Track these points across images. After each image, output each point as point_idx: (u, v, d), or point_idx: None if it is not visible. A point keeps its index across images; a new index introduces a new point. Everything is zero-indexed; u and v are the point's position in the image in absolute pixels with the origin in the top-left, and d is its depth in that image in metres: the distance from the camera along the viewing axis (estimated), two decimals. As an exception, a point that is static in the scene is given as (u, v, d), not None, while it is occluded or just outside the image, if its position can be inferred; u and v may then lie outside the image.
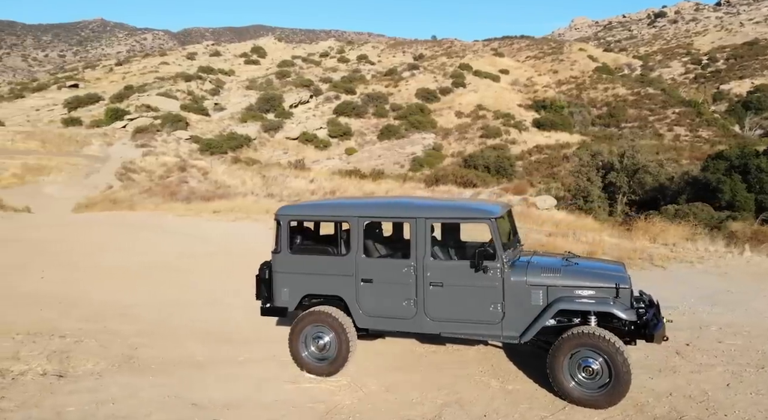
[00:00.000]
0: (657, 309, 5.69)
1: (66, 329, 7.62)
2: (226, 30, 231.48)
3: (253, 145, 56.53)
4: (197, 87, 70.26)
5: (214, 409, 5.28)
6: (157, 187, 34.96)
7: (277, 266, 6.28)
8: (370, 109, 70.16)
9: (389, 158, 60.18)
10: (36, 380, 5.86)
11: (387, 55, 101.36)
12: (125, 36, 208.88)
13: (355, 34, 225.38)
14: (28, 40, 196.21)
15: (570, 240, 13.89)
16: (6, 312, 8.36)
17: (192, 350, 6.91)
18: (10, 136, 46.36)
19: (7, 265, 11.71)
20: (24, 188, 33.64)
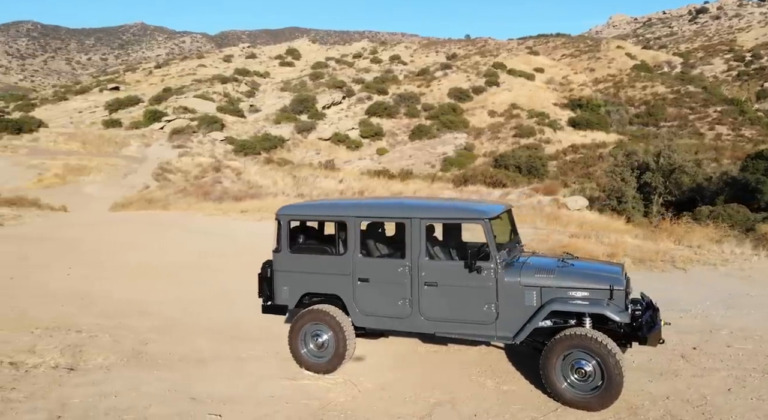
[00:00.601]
0: (655, 312, 5.60)
1: (83, 324, 7.91)
2: (261, 32, 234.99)
3: (287, 145, 57.26)
4: (233, 89, 71.52)
5: (212, 403, 5.43)
6: (191, 187, 35.78)
7: (278, 265, 6.41)
8: (401, 109, 70.24)
9: (420, 158, 60.13)
10: (47, 373, 6.11)
11: (420, 55, 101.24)
12: (164, 39, 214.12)
13: (389, 34, 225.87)
14: (72, 44, 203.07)
15: (592, 241, 13.68)
16: (30, 307, 8.72)
17: (199, 346, 7.10)
18: (53, 137, 48.04)
19: (39, 263, 12.19)
20: (65, 188, 34.88)
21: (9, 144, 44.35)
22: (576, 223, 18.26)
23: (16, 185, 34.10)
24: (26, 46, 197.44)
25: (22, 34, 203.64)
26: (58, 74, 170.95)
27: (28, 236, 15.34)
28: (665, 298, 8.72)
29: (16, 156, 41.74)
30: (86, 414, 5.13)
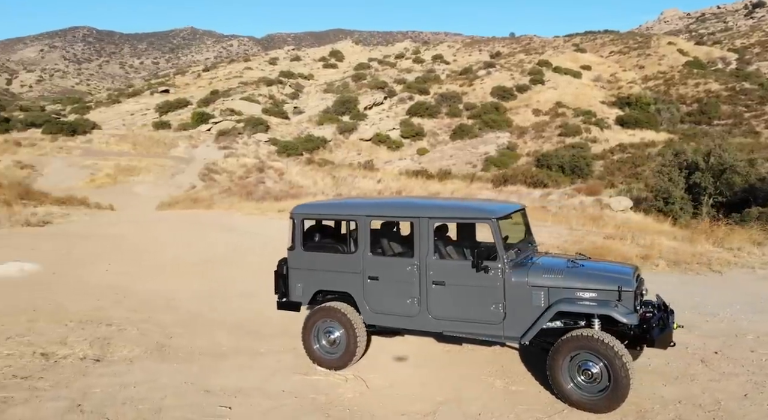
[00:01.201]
0: (667, 314, 5.47)
1: (114, 318, 8.25)
2: (306, 35, 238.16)
3: (329, 146, 57.85)
4: (278, 91, 72.75)
5: (223, 396, 5.60)
6: (235, 187, 36.62)
7: (292, 262, 6.55)
8: (443, 108, 69.97)
9: (461, 158, 59.71)
10: (74, 364, 6.42)
11: (462, 54, 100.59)
12: (213, 43, 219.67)
13: (432, 34, 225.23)
14: (125, 48, 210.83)
15: (627, 243, 13.36)
16: (67, 301, 9.15)
17: (219, 340, 7.32)
18: (105, 138, 49.90)
19: (81, 259, 12.74)
20: (115, 187, 36.19)
21: (64, 145, 46.31)
22: (616, 225, 17.85)
23: (70, 185, 35.56)
24: (82, 51, 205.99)
25: (78, 39, 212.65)
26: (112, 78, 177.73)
27: (74, 233, 16.04)
28: (694, 301, 8.51)
29: (70, 157, 43.49)
30: (104, 403, 5.38)
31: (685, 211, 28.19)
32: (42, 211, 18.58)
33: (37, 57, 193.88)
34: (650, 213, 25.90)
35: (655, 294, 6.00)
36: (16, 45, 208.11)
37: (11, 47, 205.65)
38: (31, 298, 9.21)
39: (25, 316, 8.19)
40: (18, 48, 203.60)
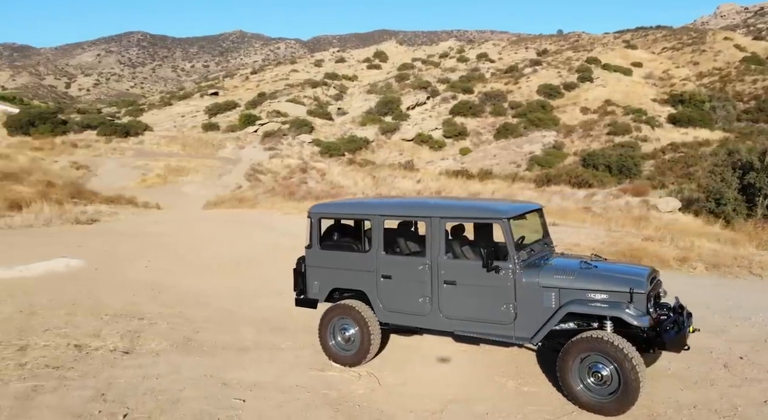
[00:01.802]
0: (683, 317, 5.33)
1: (147, 312, 8.59)
2: (351, 36, 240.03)
3: (371, 147, 58.17)
4: (322, 93, 73.63)
5: (239, 388, 5.78)
6: (279, 187, 37.32)
7: (309, 260, 6.70)
8: (487, 107, 69.32)
9: (505, 158, 58.99)
10: (104, 355, 6.73)
11: (508, 52, 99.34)
12: (261, 46, 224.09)
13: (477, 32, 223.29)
14: (177, 52, 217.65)
15: (666, 245, 12.99)
16: (106, 295, 9.57)
17: (244, 336, 7.53)
18: (156, 140, 51.59)
19: (124, 255, 13.28)
20: (165, 187, 37.38)
21: (117, 146, 48.13)
22: (658, 226, 17.34)
23: (123, 185, 36.96)
24: (137, 55, 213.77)
25: (133, 44, 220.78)
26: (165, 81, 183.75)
27: (120, 231, 16.72)
28: (727, 305, 8.23)
29: (123, 157, 45.16)
30: (126, 393, 5.63)
31: (739, 213, 27.08)
32: (91, 210, 19.43)
33: (95, 61, 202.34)
34: (701, 215, 25.02)
35: (674, 296, 5.85)
36: (74, 50, 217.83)
37: (70, 52, 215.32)
38: (72, 293, 9.67)
39: (65, 309, 8.62)
40: (76, 53, 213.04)
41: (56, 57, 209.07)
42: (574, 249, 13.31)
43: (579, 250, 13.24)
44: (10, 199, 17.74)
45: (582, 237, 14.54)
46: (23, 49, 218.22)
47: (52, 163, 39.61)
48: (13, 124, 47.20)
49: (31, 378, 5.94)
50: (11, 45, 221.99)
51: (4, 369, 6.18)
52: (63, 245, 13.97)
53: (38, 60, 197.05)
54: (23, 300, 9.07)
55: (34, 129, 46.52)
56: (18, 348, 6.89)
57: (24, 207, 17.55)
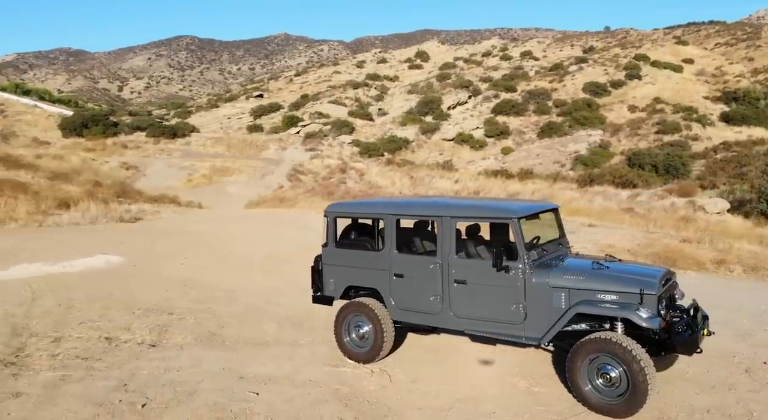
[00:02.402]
0: (696, 319, 5.20)
1: (177, 308, 8.89)
2: (393, 37, 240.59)
3: (411, 147, 58.20)
4: (363, 93, 74.12)
5: (255, 382, 5.95)
6: (318, 187, 37.79)
7: (325, 259, 6.83)
8: (530, 106, 68.36)
9: (549, 157, 58.05)
10: (131, 347, 7.03)
11: (553, 50, 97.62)
12: (305, 48, 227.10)
13: (522, 30, 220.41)
14: (224, 55, 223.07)
15: (704, 247, 12.60)
16: (141, 290, 9.94)
17: (266, 331, 7.72)
18: (202, 141, 52.94)
19: (162, 253, 13.74)
20: (210, 187, 38.35)
21: (165, 147, 49.61)
22: (702, 228, 16.80)
23: (170, 184, 38.11)
24: (185, 59, 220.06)
25: (182, 47, 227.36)
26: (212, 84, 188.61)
27: (160, 229, 17.28)
28: (759, 309, 7.97)
29: (170, 158, 46.50)
30: (147, 384, 5.87)
31: (792, 214, 25.95)
32: (135, 209, 20.14)
33: (145, 65, 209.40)
34: (751, 216, 24.09)
35: (691, 298, 5.71)
36: (126, 54, 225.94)
37: (122, 56, 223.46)
38: (109, 288, 10.08)
39: (101, 303, 9.01)
40: (128, 57, 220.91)
41: (109, 61, 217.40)
42: (608, 250, 13.06)
43: (613, 251, 12.98)
44: (60, 198, 18.57)
45: (617, 238, 14.24)
46: (78, 54, 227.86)
47: (103, 163, 41.14)
48: (67, 126, 49.29)
49: (61, 368, 6.26)
50: (67, 50, 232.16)
51: (38, 359, 6.53)
52: (106, 242, 14.54)
53: (92, 64, 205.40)
54: (63, 294, 9.51)
55: (86, 131, 48.44)
56: (53, 339, 7.26)
57: (72, 206, 18.33)
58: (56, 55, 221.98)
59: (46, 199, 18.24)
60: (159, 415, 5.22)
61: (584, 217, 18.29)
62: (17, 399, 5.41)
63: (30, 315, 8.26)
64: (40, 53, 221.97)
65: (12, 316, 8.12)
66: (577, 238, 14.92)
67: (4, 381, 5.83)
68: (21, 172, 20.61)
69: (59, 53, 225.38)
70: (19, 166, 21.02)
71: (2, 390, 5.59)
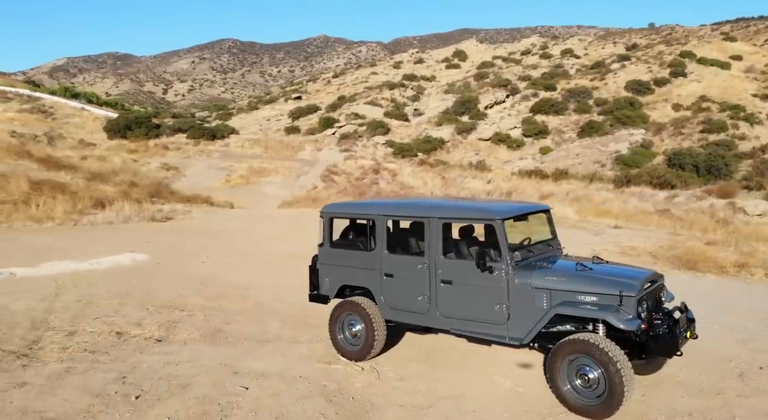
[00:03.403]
0: (679, 322, 5.11)
1: (190, 305, 9.18)
2: (432, 37, 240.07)
3: (446, 147, 58.01)
4: (399, 94, 74.25)
5: (247, 377, 6.12)
6: (351, 188, 38.09)
7: (321, 258, 6.98)
8: (570, 105, 67.19)
9: (588, 157, 56.94)
10: (138, 342, 7.30)
11: (595, 48, 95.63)
12: (343, 50, 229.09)
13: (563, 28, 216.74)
14: (264, 58, 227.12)
15: (728, 250, 12.23)
16: (158, 287, 10.29)
17: (269, 328, 7.91)
18: (241, 142, 54.01)
19: (186, 251, 14.16)
20: (247, 187, 39.16)
21: (205, 149, 50.81)
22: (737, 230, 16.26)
23: (209, 185, 39.07)
24: (228, 62, 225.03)
25: (224, 51, 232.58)
26: (253, 86, 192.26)
27: (189, 228, 17.79)
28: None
29: (210, 159, 47.62)
30: (145, 376, 6.11)
31: (841, 216, 24.84)
32: (167, 208, 20.77)
33: (189, 68, 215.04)
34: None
35: (680, 301, 5.60)
36: (171, 58, 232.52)
37: (167, 60, 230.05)
38: (130, 285, 10.47)
39: (118, 300, 9.37)
40: (173, 60, 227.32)
41: (155, 64, 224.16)
42: (629, 252, 12.84)
43: (634, 253, 12.76)
44: (96, 197, 19.32)
45: (641, 240, 13.95)
46: (125, 58, 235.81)
47: (146, 164, 42.48)
48: (112, 128, 51.03)
49: (68, 360, 6.57)
50: (115, 54, 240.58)
51: (49, 352, 6.87)
52: (135, 241, 15.07)
53: (139, 67, 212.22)
54: (85, 290, 9.93)
55: (130, 132, 50.06)
56: (67, 333, 7.61)
57: (107, 205, 19.05)
58: (104, 59, 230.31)
59: (83, 199, 19.00)
60: (150, 406, 5.44)
61: (612, 218, 17.96)
62: (22, 388, 5.72)
63: (50, 309, 8.67)
64: (89, 57, 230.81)
65: (33, 311, 8.54)
66: (600, 239, 14.69)
67: (14, 371, 6.17)
68: (61, 173, 21.52)
69: (107, 57, 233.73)
70: (60, 167, 21.96)
71: (10, 380, 5.92)
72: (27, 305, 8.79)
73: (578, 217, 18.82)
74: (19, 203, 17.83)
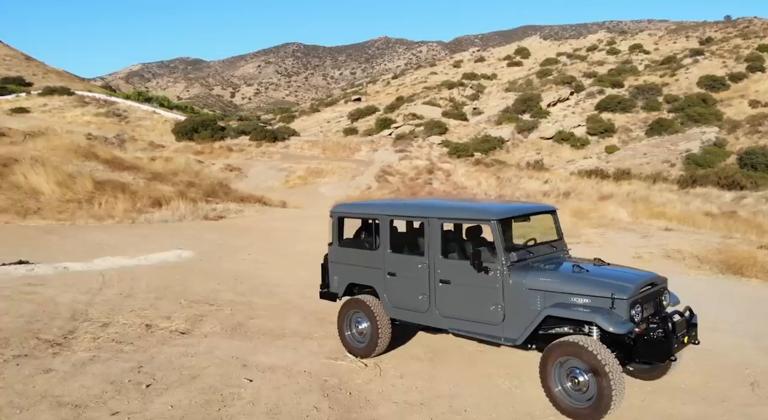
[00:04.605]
0: (676, 327, 4.91)
1: (221, 300, 9.55)
2: (493, 34, 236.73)
3: (506, 146, 57.15)
4: (458, 93, 73.75)
5: (254, 370, 6.33)
6: (403, 188, 38.20)
7: (331, 257, 7.13)
8: (638, 102, 64.76)
9: (657, 156, 54.70)
10: (164, 334, 7.67)
11: (666, 42, 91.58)
12: (404, 50, 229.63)
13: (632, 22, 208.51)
14: (327, 61, 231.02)
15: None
16: (196, 283, 10.74)
17: (287, 324, 8.13)
18: (300, 144, 55.20)
19: (230, 248, 14.67)
20: (304, 188, 40.00)
21: (266, 150, 52.24)
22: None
23: (269, 185, 40.19)
24: (292, 65, 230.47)
25: (288, 54, 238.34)
26: (316, 89, 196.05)
27: (238, 227, 18.41)
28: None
29: (271, 160, 48.93)
30: (160, 367, 6.43)
31: None
32: (221, 208, 21.55)
33: (255, 72, 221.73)
34: None
35: (685, 306, 5.37)
36: (238, 62, 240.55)
37: (234, 64, 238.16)
38: (171, 280, 10.97)
39: (156, 294, 9.85)
40: (240, 65, 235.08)
41: (223, 69, 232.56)
42: (673, 255, 12.35)
43: (678, 256, 12.27)
44: (154, 197, 20.29)
45: (689, 243, 13.36)
46: (196, 63, 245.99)
47: (210, 165, 44.13)
48: (179, 130, 53.33)
49: (95, 349, 6.99)
50: (186, 59, 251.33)
51: (81, 341, 7.32)
52: (184, 238, 15.75)
53: (208, 72, 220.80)
54: (128, 285, 10.49)
55: (196, 135, 52.14)
56: (101, 324, 8.08)
57: (164, 204, 19.97)
58: (176, 65, 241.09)
59: (142, 198, 20.01)
60: (159, 395, 5.73)
61: (665, 220, 17.24)
62: (47, 374, 6.15)
63: (92, 302, 9.22)
64: (162, 63, 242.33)
65: (77, 303, 9.12)
66: (646, 242, 14.17)
67: (44, 358, 6.63)
68: (124, 174, 22.74)
69: (179, 62, 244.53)
70: (123, 168, 23.21)
71: (38, 366, 6.37)
72: (72, 297, 9.38)
73: (631, 219, 18.17)
74: (83, 202, 18.99)
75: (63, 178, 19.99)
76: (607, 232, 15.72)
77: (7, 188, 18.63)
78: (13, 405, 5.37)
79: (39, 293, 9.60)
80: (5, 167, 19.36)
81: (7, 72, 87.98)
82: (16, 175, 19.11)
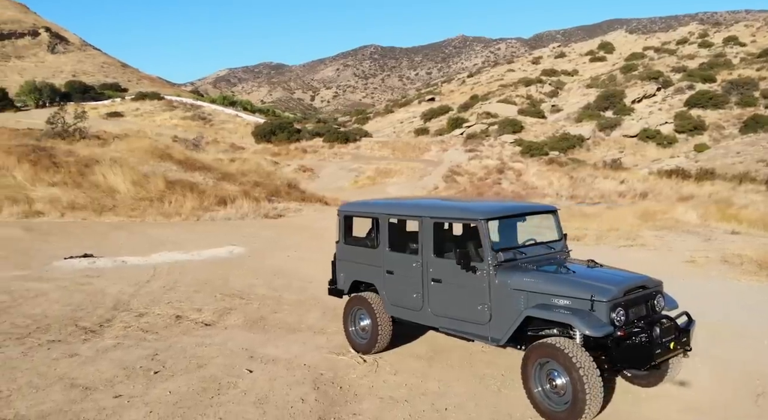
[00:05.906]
0: (665, 333, 4.61)
1: (253, 294, 9.90)
2: (576, 29, 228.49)
3: (586, 145, 55.17)
4: (536, 90, 71.91)
5: (258, 362, 6.54)
6: (471, 188, 37.84)
7: (338, 254, 7.23)
8: (732, 98, 60.52)
9: (751, 155, 50.96)
10: (189, 325, 8.06)
11: (764, 34, 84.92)
12: (482, 48, 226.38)
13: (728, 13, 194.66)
14: (403, 62, 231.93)
15: None
16: (235, 278, 11.16)
17: (306, 319, 8.32)
18: (370, 145, 55.87)
19: (279, 245, 15.13)
20: (372, 188, 40.50)
21: (338, 151, 53.29)
22: None
23: (339, 185, 41.07)
24: (369, 67, 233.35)
25: (366, 57, 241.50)
26: (392, 90, 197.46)
27: (294, 225, 18.93)
28: None
29: (342, 161, 49.89)
30: (174, 355, 6.78)
31: None
32: (281, 207, 22.25)
33: (334, 75, 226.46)
34: None
35: (682, 310, 5.04)
36: (318, 66, 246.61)
37: (314, 68, 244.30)
38: (214, 275, 11.47)
39: (196, 287, 10.35)
40: (320, 68, 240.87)
41: (304, 73, 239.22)
42: (733, 259, 11.62)
43: (737, 260, 11.55)
44: (220, 196, 21.26)
45: (753, 247, 12.48)
46: (278, 67, 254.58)
47: (285, 166, 45.62)
48: (259, 132, 55.44)
49: (123, 337, 7.46)
50: (269, 64, 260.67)
51: (113, 329, 7.83)
52: (241, 235, 16.40)
53: (290, 76, 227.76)
54: (174, 278, 11.08)
55: (274, 137, 54.01)
56: (137, 314, 8.60)
57: (229, 203, 20.88)
58: (260, 69, 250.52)
59: (209, 197, 21.01)
60: (163, 381, 6.05)
61: (735, 222, 16.09)
62: (70, 358, 6.63)
63: (136, 294, 9.82)
64: (247, 68, 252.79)
65: (122, 294, 9.74)
66: (707, 245, 13.34)
67: (73, 344, 7.16)
68: (195, 174, 23.96)
69: (263, 67, 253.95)
70: (195, 168, 24.45)
71: (65, 351, 6.88)
72: (119, 289, 10.04)
73: (699, 221, 17.10)
74: (154, 200, 20.20)
75: (138, 178, 21.35)
76: (669, 234, 14.87)
77: (88, 187, 20.13)
78: (31, 385, 5.84)
79: (92, 284, 10.34)
80: (87, 167, 20.92)
81: (105, 78, 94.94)
82: (96, 175, 20.61)
